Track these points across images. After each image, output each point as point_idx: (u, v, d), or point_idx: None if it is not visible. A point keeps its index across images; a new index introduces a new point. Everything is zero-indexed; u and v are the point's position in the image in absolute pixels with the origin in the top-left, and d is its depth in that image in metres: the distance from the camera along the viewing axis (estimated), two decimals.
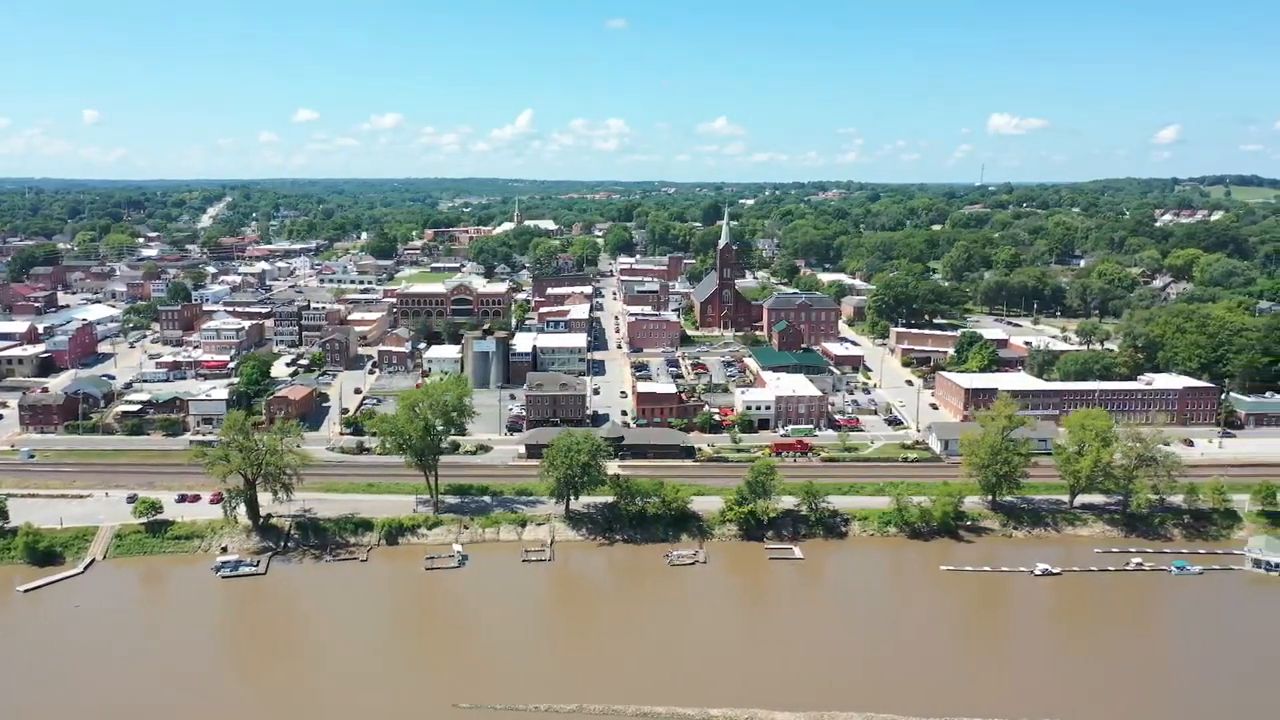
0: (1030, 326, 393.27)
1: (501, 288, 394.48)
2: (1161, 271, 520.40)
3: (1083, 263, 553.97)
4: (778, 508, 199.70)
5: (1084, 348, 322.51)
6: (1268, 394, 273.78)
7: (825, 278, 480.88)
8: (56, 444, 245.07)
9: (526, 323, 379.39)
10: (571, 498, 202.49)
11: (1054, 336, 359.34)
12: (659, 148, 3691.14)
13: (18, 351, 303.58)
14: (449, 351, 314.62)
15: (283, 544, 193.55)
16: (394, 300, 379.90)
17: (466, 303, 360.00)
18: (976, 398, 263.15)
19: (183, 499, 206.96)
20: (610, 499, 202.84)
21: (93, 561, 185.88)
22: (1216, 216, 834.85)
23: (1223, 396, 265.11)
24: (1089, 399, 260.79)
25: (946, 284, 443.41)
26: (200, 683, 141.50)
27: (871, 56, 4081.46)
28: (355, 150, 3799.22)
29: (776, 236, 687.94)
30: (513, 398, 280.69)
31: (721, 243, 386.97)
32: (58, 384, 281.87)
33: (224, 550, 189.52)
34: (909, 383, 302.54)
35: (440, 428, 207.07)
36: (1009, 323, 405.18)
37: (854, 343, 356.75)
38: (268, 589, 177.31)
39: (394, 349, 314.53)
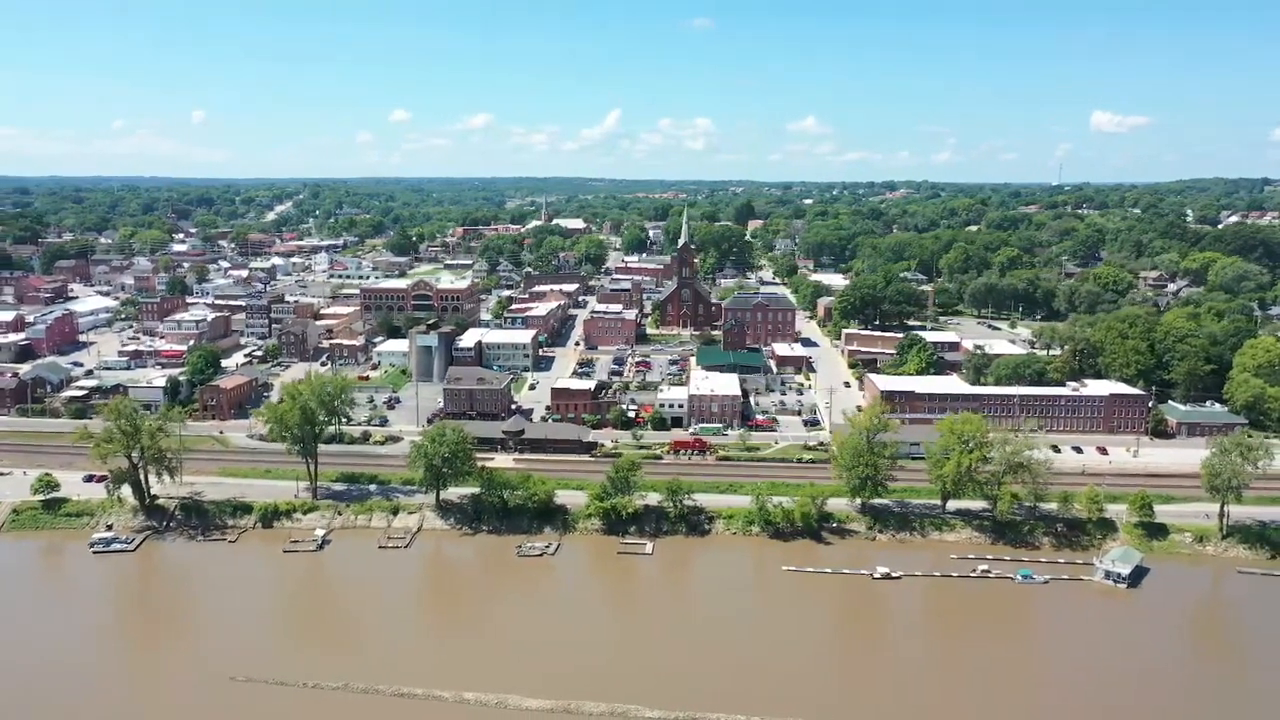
0: (1008, 330, 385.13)
1: (464, 284, 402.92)
2: (1178, 275, 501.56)
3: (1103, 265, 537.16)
4: (638, 504, 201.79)
5: (1043, 352, 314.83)
6: (1208, 403, 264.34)
7: (815, 278, 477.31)
8: (5, 425, 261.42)
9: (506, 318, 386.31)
10: (443, 488, 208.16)
11: (1025, 340, 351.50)
12: (747, 147, 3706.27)
13: None
14: (400, 345, 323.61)
15: (165, 524, 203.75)
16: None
17: (426, 298, 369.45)
18: (893, 399, 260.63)
19: (90, 479, 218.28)
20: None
21: None
22: None
23: (1151, 404, 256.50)
24: (1009, 404, 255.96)
25: (930, 286, 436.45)
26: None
27: (966, 54, 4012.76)
28: (448, 150, 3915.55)
29: (795, 236, 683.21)
30: None
31: (680, 242, 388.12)
32: (27, 370, 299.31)
33: (108, 528, 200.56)
34: (846, 384, 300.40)
35: (322, 416, 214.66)
36: (989, 325, 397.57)
37: (814, 343, 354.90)
38: (128, 565, 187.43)
39: (346, 342, 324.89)
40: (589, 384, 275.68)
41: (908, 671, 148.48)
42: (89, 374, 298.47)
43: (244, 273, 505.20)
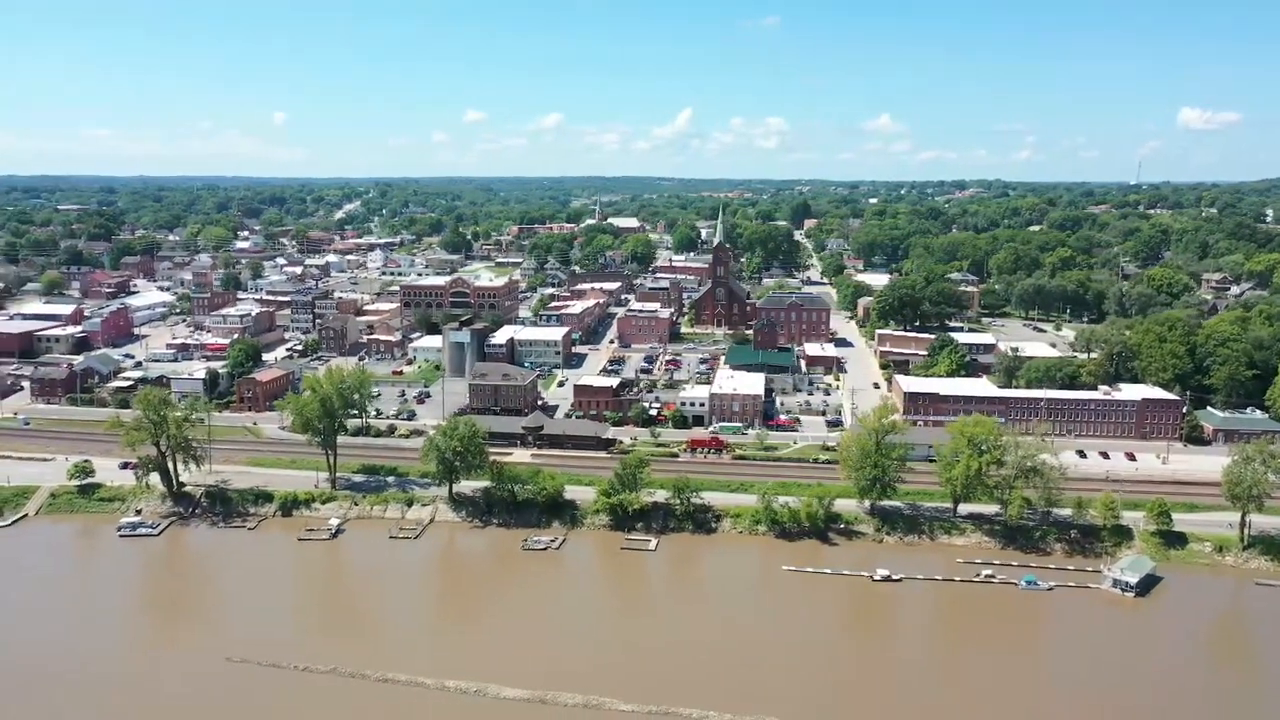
0: (1053, 332, 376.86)
1: (501, 281, 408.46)
2: (1243, 277, 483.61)
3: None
4: (645, 501, 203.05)
5: (1083, 355, 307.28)
6: (1249, 409, 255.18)
7: (861, 278, 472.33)
8: (55, 413, 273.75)
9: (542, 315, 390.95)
10: (455, 481, 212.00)
11: (1068, 343, 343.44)
12: (820, 145, 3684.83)
13: (57, 331, 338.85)
14: (436, 341, 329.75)
15: (191, 510, 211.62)
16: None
17: (464, 295, 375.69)
18: (917, 401, 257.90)
19: (126, 465, 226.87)
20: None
21: (24, 516, 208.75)
22: None
23: (1185, 410, 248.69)
24: (1035, 407, 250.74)
25: (975, 287, 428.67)
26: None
27: (1047, 51, 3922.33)
28: (521, 150, 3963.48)
29: (848, 236, 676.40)
30: None
31: (715, 240, 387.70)
32: (79, 361, 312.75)
33: (138, 513, 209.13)
34: (876, 385, 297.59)
35: (341, 409, 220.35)
36: (1035, 328, 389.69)
37: (849, 343, 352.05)
38: (151, 549, 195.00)
39: (383, 338, 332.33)
40: (612, 381, 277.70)
41: (891, 674, 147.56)
42: (138, 365, 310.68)
43: (299, 269, 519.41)
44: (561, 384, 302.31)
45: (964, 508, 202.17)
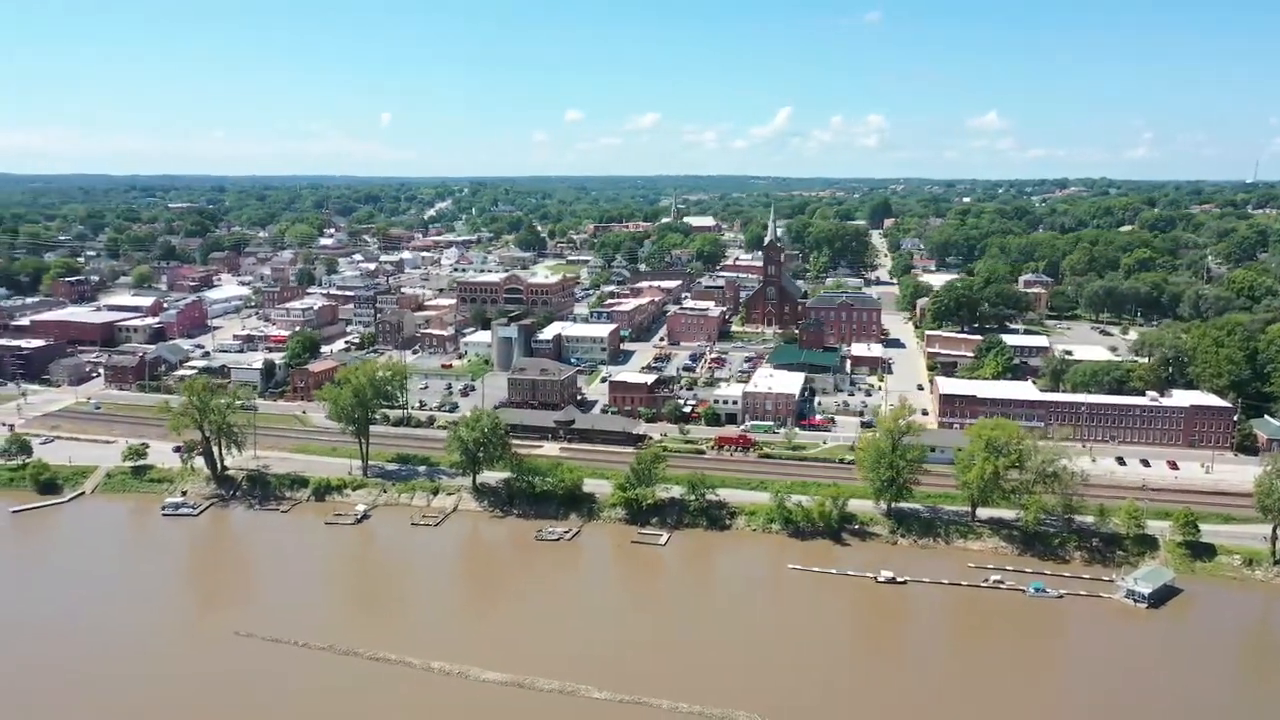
0: (1119, 336, 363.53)
1: (554, 279, 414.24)
2: None
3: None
4: (661, 496, 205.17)
5: (1143, 359, 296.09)
6: None
7: (927, 278, 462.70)
8: (124, 399, 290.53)
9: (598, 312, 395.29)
10: (479, 471, 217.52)
11: (1132, 346, 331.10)
12: (921, 143, 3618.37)
13: (135, 322, 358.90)
14: (485, 337, 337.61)
15: (232, 493, 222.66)
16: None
17: (518, 292, 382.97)
18: (954, 403, 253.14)
19: (178, 449, 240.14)
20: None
21: (81, 494, 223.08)
22: None
23: (1236, 417, 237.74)
24: (1075, 411, 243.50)
25: (1044, 289, 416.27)
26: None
27: (1165, 51, 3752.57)
28: (618, 149, 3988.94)
29: (923, 235, 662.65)
30: None
31: (766, 239, 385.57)
32: (151, 351, 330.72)
33: (182, 494, 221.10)
34: (920, 386, 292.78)
35: (372, 400, 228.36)
36: (1102, 331, 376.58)
37: (901, 344, 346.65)
38: (189, 528, 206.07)
39: (436, 332, 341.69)
40: (647, 378, 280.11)
41: (879, 674, 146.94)
42: (205, 355, 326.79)
43: (372, 265, 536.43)
44: (604, 380, 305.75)
45: (984, 512, 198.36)
